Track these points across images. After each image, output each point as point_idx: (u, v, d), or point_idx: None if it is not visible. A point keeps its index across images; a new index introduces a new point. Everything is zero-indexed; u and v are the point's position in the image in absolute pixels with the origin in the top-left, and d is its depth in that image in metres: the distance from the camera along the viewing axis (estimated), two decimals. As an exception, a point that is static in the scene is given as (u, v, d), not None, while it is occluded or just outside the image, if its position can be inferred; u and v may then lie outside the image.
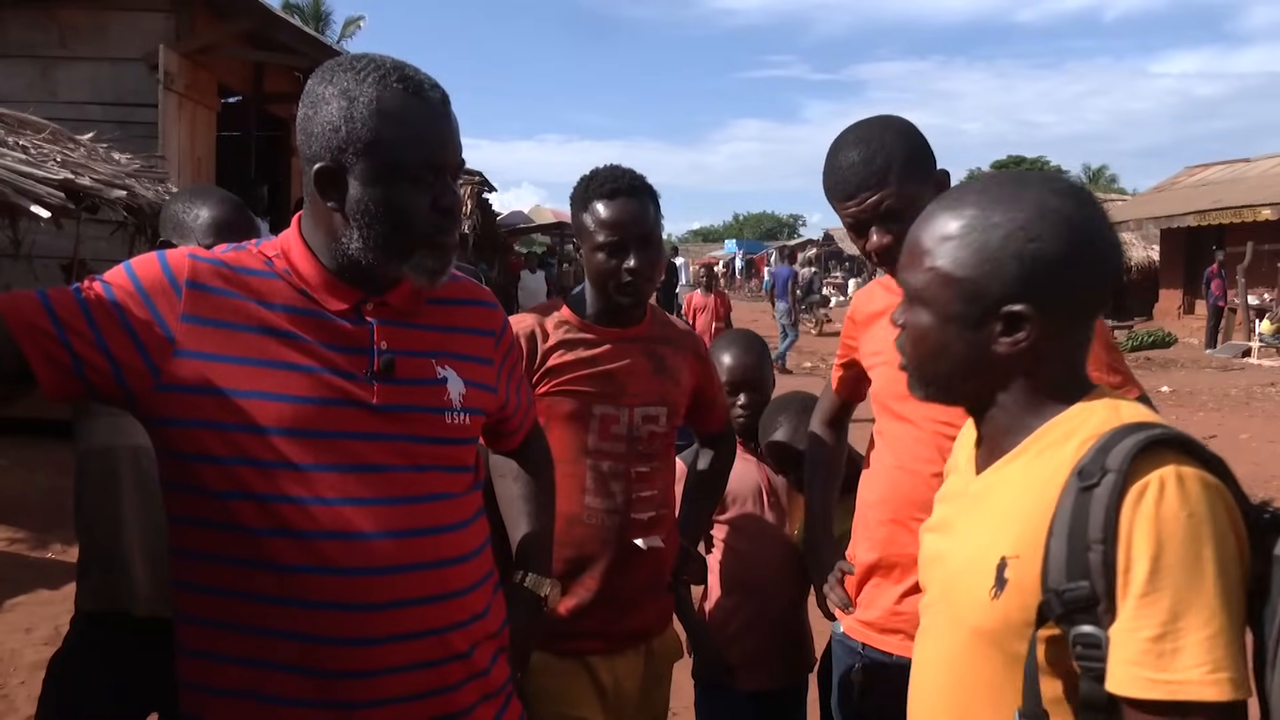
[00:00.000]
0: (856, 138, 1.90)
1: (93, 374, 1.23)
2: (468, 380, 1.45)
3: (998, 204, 1.12)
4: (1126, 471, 1.00)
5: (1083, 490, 1.03)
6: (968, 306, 1.12)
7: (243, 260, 1.35)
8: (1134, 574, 0.98)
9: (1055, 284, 1.09)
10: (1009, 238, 1.10)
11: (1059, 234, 1.09)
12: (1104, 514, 1.00)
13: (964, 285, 1.12)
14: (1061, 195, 1.12)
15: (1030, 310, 1.09)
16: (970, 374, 1.16)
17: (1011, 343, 1.11)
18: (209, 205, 2.06)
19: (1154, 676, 0.96)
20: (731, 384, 2.62)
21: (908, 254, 1.21)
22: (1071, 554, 1.02)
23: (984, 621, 1.10)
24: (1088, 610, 1.01)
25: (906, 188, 1.83)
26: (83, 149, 6.40)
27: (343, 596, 1.28)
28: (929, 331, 1.17)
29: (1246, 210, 18.16)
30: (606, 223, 2.05)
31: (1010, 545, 1.08)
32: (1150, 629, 0.97)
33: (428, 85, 1.33)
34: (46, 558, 5.25)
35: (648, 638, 2.19)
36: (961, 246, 1.13)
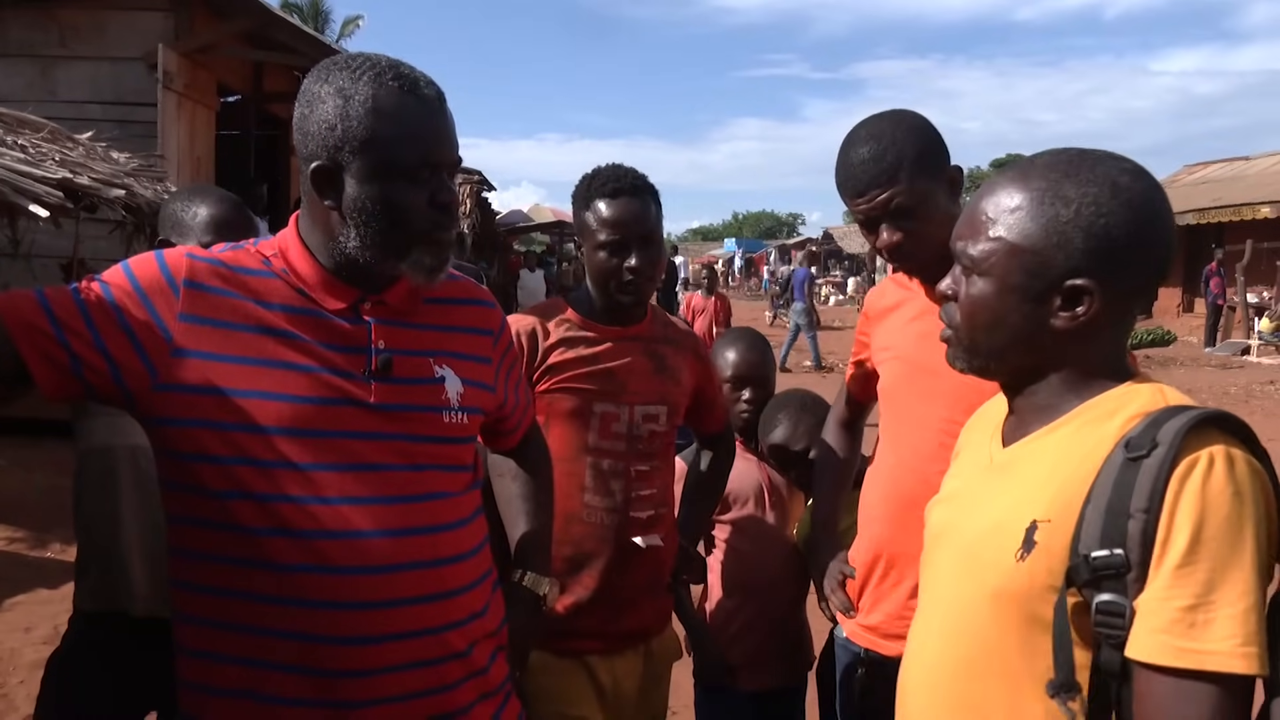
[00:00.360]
0: (868, 134, 1.87)
1: (91, 374, 1.23)
2: (466, 379, 1.45)
3: (1068, 178, 1.12)
4: (1179, 446, 1.01)
5: (1129, 461, 1.03)
6: (1031, 278, 1.12)
7: (240, 260, 1.35)
8: (1173, 544, 0.99)
9: (1119, 262, 1.10)
10: (1079, 212, 1.10)
11: (1128, 213, 1.09)
12: (1151, 484, 1.01)
13: (1029, 256, 1.12)
14: (1131, 174, 1.12)
15: (1093, 285, 1.10)
16: (1024, 347, 1.16)
17: (1070, 317, 1.12)
18: (207, 204, 2.06)
19: (1183, 645, 0.97)
20: (735, 379, 2.63)
21: (968, 224, 1.20)
22: (1109, 521, 1.03)
23: (1007, 584, 1.10)
24: (1116, 578, 1.02)
25: (918, 185, 1.81)
26: (81, 148, 6.39)
27: (341, 595, 1.28)
28: (987, 301, 1.16)
29: (1246, 208, 18.18)
30: (608, 221, 2.06)
31: (1043, 510, 1.09)
32: (1184, 599, 0.98)
33: (423, 83, 1.33)
34: (46, 557, 5.26)
35: (646, 638, 2.19)
36: (1030, 218, 1.12)
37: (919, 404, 1.89)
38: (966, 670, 1.17)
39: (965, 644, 1.17)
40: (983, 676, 1.15)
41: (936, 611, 1.26)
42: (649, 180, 2.13)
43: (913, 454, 1.92)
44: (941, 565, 1.27)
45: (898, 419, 2.00)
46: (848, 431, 2.37)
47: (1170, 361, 15.82)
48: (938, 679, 1.22)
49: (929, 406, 1.86)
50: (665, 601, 2.26)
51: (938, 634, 1.24)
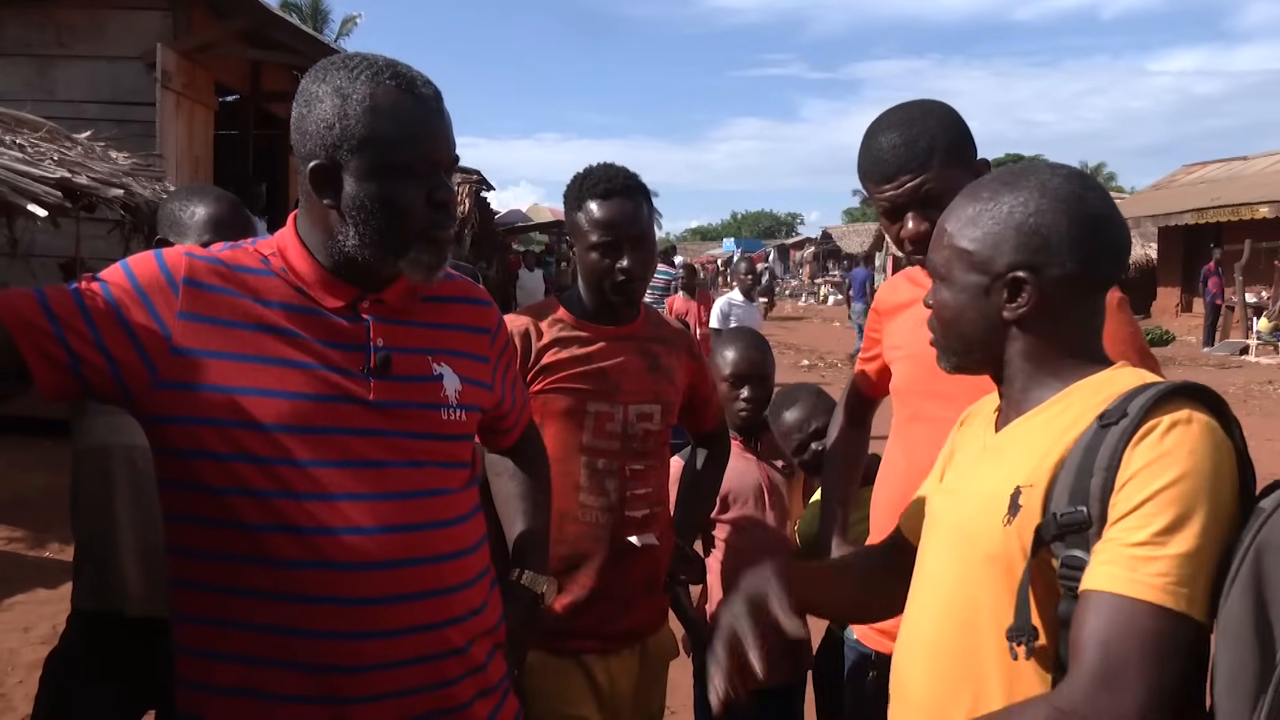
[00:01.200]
0: (898, 119, 1.83)
1: (90, 372, 1.23)
2: (464, 377, 1.45)
3: (1005, 187, 1.26)
4: (1145, 412, 1.10)
5: (1101, 428, 1.12)
6: (977, 276, 1.26)
7: (239, 258, 1.35)
8: (1128, 494, 1.07)
9: (1050, 253, 1.21)
10: (1011, 213, 1.23)
11: (1056, 209, 1.21)
12: (1114, 445, 1.09)
13: (973, 257, 1.26)
14: (1062, 177, 1.25)
15: (1029, 276, 1.21)
16: (984, 339, 1.27)
17: (1015, 307, 1.23)
18: (205, 203, 2.06)
19: (1125, 574, 1.05)
20: (735, 378, 2.63)
21: (934, 239, 1.34)
22: (1077, 481, 1.11)
23: (996, 547, 1.18)
24: (1079, 533, 1.10)
25: (948, 173, 1.76)
26: (80, 147, 6.39)
27: (340, 591, 1.28)
28: (949, 302, 1.30)
29: (1244, 208, 18.18)
30: (600, 222, 2.06)
31: (1025, 476, 1.17)
32: (1133, 538, 1.06)
33: (420, 82, 1.34)
34: (44, 557, 5.25)
35: (643, 637, 2.20)
36: (974, 225, 1.27)
37: (931, 403, 1.86)
38: (962, 636, 1.23)
39: (960, 612, 1.24)
40: (978, 640, 1.20)
41: (931, 588, 1.32)
42: (641, 180, 2.13)
43: (925, 453, 1.89)
44: (936, 544, 1.34)
45: (910, 417, 1.99)
46: (855, 428, 2.35)
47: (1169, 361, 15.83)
48: (935, 649, 1.27)
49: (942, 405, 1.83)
50: (661, 600, 2.26)
51: (934, 608, 1.30)
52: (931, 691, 1.27)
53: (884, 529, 2.02)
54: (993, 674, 1.19)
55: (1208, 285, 18.64)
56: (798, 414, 2.59)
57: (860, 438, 2.36)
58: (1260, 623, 1.00)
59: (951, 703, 1.23)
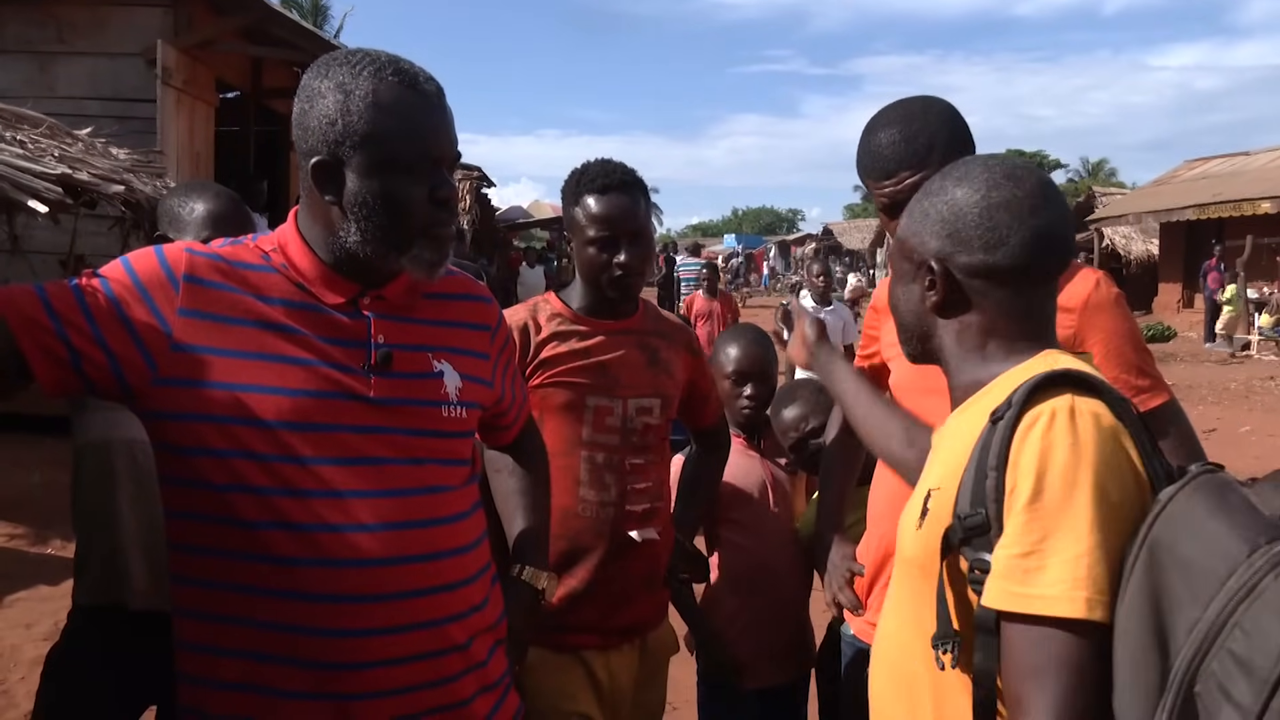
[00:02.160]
0: (898, 115, 1.83)
1: (90, 368, 1.23)
2: (464, 374, 1.45)
3: (941, 179, 1.27)
4: (1023, 403, 1.07)
5: (992, 424, 1.10)
6: (905, 264, 1.29)
7: (239, 255, 1.35)
8: (1016, 496, 1.04)
9: (963, 241, 1.20)
10: (934, 204, 1.25)
11: (970, 199, 1.20)
12: (1000, 443, 1.07)
13: (903, 246, 1.30)
14: (992, 169, 1.22)
15: (938, 266, 1.22)
16: (916, 328, 1.30)
17: (935, 294, 1.24)
18: (204, 199, 2.06)
19: (1017, 590, 1.02)
20: (738, 374, 2.62)
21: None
22: (975, 482, 1.09)
23: (911, 550, 1.19)
24: (983, 535, 1.07)
25: None
26: (80, 144, 6.39)
27: (340, 588, 1.28)
28: (892, 292, 1.34)
29: (1246, 204, 18.15)
30: (597, 218, 2.07)
31: (935, 480, 1.17)
32: (1021, 546, 1.02)
33: (422, 78, 1.34)
34: (46, 553, 5.26)
35: (643, 632, 2.20)
36: (908, 216, 1.30)
37: (930, 400, 1.86)
38: (901, 641, 1.24)
39: (898, 616, 1.25)
40: (911, 645, 1.20)
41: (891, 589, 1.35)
42: (638, 175, 2.14)
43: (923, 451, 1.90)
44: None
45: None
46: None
47: (1170, 357, 15.83)
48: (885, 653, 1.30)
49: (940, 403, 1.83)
50: (661, 595, 2.26)
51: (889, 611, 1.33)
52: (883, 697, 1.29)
53: (882, 519, 2.03)
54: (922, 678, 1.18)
55: (1208, 281, 18.62)
56: (795, 412, 2.59)
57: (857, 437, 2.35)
58: (1157, 619, 0.96)
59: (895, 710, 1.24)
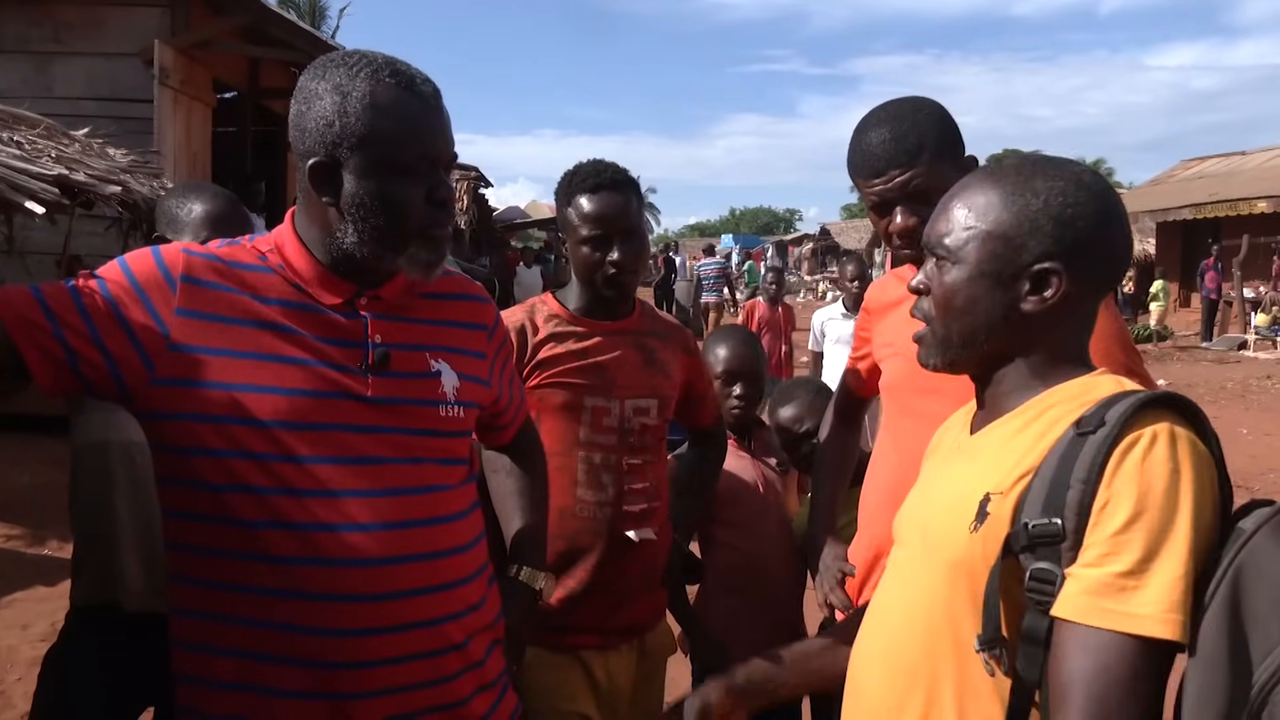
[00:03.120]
0: (888, 115, 1.84)
1: (87, 368, 1.23)
2: (461, 374, 1.45)
3: (1037, 174, 1.19)
4: (1124, 423, 1.06)
5: (1077, 436, 1.08)
6: (1002, 263, 1.18)
7: (237, 255, 1.35)
8: (1112, 513, 1.03)
9: (1083, 249, 1.16)
10: (1048, 202, 1.17)
11: (1092, 204, 1.17)
12: (1092, 458, 1.05)
13: (1002, 242, 1.18)
14: (1091, 174, 1.21)
15: (1060, 268, 1.16)
16: (994, 332, 1.20)
17: (1039, 301, 1.17)
18: (202, 200, 2.07)
19: (1111, 607, 1.01)
20: (727, 374, 2.62)
21: (942, 218, 1.25)
22: (1051, 491, 1.07)
23: (961, 555, 1.15)
24: (1050, 546, 1.06)
25: (937, 168, 1.77)
26: (77, 144, 6.39)
27: (338, 588, 1.29)
28: (961, 287, 1.21)
29: (1242, 203, 18.20)
30: (590, 216, 2.07)
31: (995, 483, 1.14)
32: (1118, 565, 1.02)
33: (419, 79, 1.34)
34: (43, 554, 5.26)
35: (641, 632, 2.20)
36: (1002, 208, 1.19)
37: (922, 401, 1.86)
38: (920, 640, 1.21)
39: (920, 616, 1.21)
40: (934, 645, 1.18)
41: (894, 590, 1.30)
42: (630, 174, 2.14)
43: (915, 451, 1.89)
44: (903, 546, 1.32)
45: (900, 415, 1.98)
46: (847, 426, 2.35)
47: (1166, 356, 15.85)
48: (891, 652, 1.25)
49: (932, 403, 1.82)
50: (659, 596, 2.26)
51: (894, 610, 1.28)
52: (885, 694, 1.25)
53: (873, 519, 2.03)
54: (946, 678, 1.17)
55: (1204, 280, 18.65)
56: (792, 411, 2.60)
57: (851, 437, 2.36)
58: (1235, 645, 0.97)
59: (902, 707, 1.21)
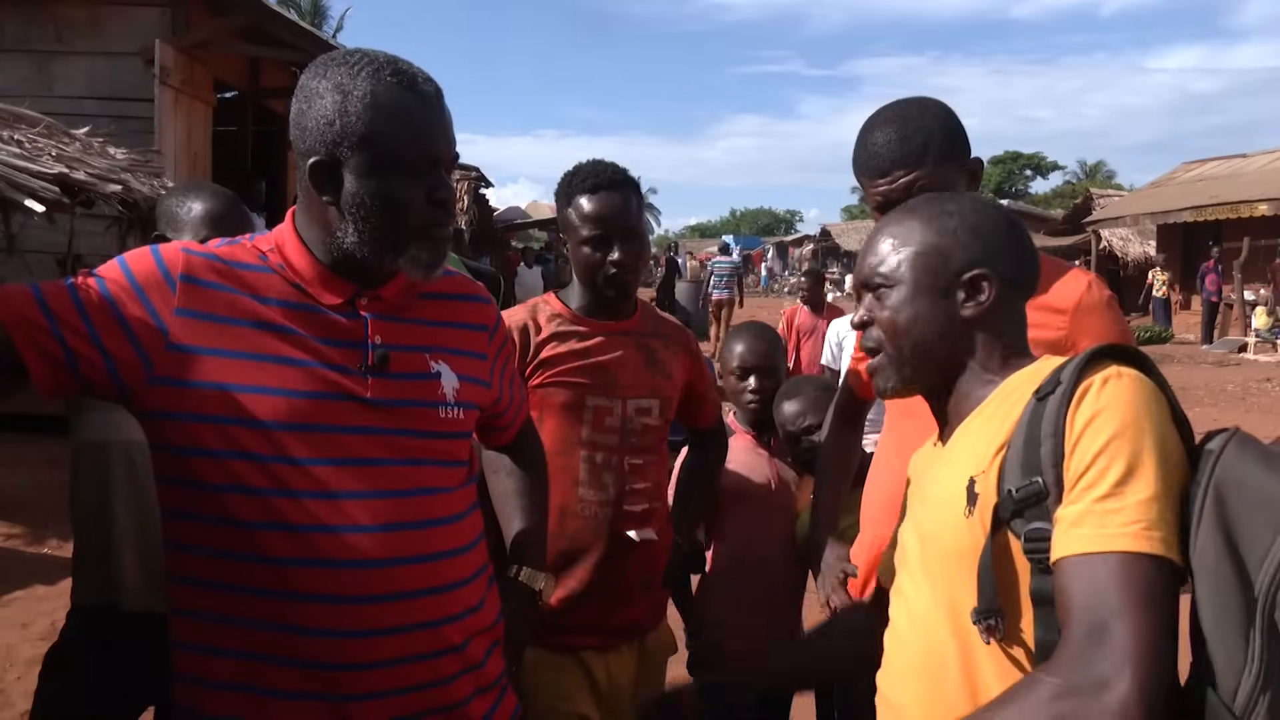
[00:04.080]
0: (894, 115, 1.85)
1: (86, 368, 1.23)
2: (461, 375, 1.45)
3: (944, 199, 1.35)
4: (1077, 376, 1.12)
5: (1039, 401, 1.14)
6: (935, 276, 1.29)
7: (237, 255, 1.35)
8: (1079, 453, 1.08)
9: (1002, 254, 1.29)
10: (962, 219, 1.30)
11: (996, 214, 1.33)
12: (1055, 412, 1.11)
13: (932, 256, 1.29)
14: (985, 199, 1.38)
15: (989, 272, 1.27)
16: (942, 342, 1.29)
17: (975, 305, 1.28)
18: (202, 199, 2.07)
19: (1093, 533, 1.04)
20: (742, 369, 2.64)
21: (872, 252, 1.35)
22: (1025, 454, 1.12)
23: (962, 541, 1.17)
24: (1038, 505, 1.10)
25: (942, 170, 1.79)
26: (78, 143, 6.38)
27: (336, 589, 1.28)
28: (903, 305, 1.30)
29: (1243, 205, 18.18)
30: (590, 216, 2.08)
31: (975, 466, 1.18)
32: (1093, 495, 1.06)
33: (421, 79, 1.33)
34: (42, 553, 5.25)
35: (641, 633, 2.20)
36: (922, 228, 1.32)
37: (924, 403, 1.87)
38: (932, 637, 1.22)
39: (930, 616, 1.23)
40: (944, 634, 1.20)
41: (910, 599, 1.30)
42: (629, 174, 2.15)
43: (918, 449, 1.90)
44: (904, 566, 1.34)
45: (902, 417, 1.98)
46: (849, 427, 2.34)
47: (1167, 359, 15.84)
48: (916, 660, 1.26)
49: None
50: (660, 596, 2.26)
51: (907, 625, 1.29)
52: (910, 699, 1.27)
53: (875, 520, 2.03)
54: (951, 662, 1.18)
55: (1205, 283, 18.64)
56: (795, 407, 2.59)
57: (853, 438, 2.35)
58: (1233, 555, 1.00)
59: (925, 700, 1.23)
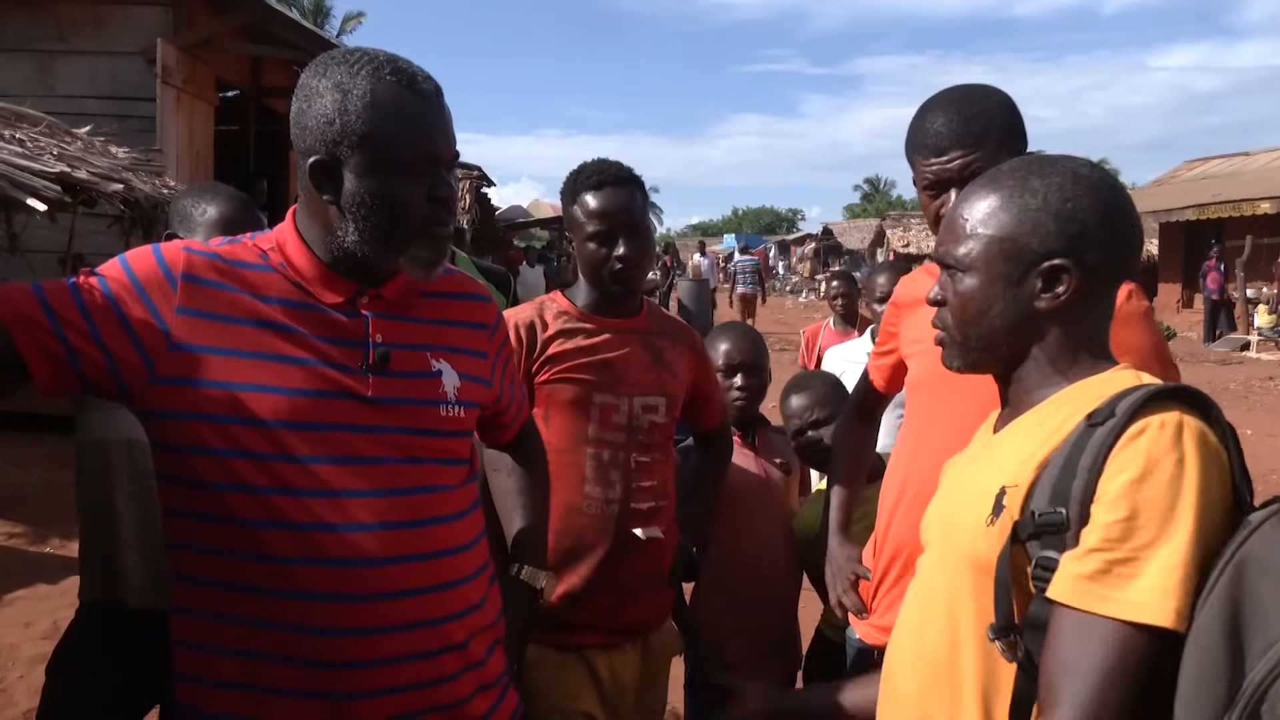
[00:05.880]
0: (959, 96, 1.84)
1: (87, 366, 1.23)
2: (462, 373, 1.45)
3: (1033, 174, 1.21)
4: (1132, 413, 1.06)
5: (1089, 428, 1.09)
6: (1011, 265, 1.20)
7: (237, 253, 1.35)
8: (1110, 500, 1.04)
9: (1088, 241, 1.17)
10: (1047, 200, 1.19)
11: (1091, 196, 1.18)
12: (1099, 447, 1.06)
13: (1006, 244, 1.20)
14: (1089, 166, 1.23)
15: (1069, 264, 1.17)
16: (1012, 332, 1.22)
17: (1052, 297, 1.19)
18: (217, 202, 2.07)
19: (1105, 592, 1.01)
20: (728, 367, 2.62)
21: (949, 230, 1.27)
22: (1059, 481, 1.08)
23: (978, 547, 1.15)
24: (1056, 535, 1.07)
25: (998, 156, 1.72)
26: (79, 142, 6.39)
27: (337, 588, 1.28)
28: (975, 293, 1.23)
29: (1245, 204, 18.15)
30: (595, 213, 2.09)
31: (1011, 476, 1.14)
32: (1115, 551, 1.02)
33: (420, 77, 1.33)
34: (45, 552, 5.26)
35: (646, 632, 2.20)
36: (1004, 211, 1.21)
37: (951, 399, 1.80)
38: (945, 635, 1.21)
39: (944, 610, 1.22)
40: (959, 640, 1.19)
41: (921, 587, 1.30)
42: (634, 172, 2.16)
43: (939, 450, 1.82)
44: (929, 544, 1.33)
45: (927, 413, 1.94)
46: (865, 424, 2.30)
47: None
48: (920, 648, 1.26)
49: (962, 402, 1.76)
50: (665, 595, 2.26)
51: (921, 606, 1.28)
52: (916, 690, 1.26)
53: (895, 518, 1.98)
54: (968, 671, 1.17)
55: (1207, 281, 18.61)
56: (803, 400, 2.58)
57: (868, 435, 2.31)
58: (1232, 634, 0.97)
59: (932, 701, 1.22)
